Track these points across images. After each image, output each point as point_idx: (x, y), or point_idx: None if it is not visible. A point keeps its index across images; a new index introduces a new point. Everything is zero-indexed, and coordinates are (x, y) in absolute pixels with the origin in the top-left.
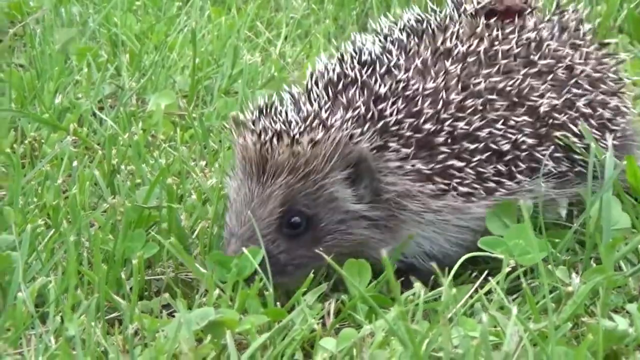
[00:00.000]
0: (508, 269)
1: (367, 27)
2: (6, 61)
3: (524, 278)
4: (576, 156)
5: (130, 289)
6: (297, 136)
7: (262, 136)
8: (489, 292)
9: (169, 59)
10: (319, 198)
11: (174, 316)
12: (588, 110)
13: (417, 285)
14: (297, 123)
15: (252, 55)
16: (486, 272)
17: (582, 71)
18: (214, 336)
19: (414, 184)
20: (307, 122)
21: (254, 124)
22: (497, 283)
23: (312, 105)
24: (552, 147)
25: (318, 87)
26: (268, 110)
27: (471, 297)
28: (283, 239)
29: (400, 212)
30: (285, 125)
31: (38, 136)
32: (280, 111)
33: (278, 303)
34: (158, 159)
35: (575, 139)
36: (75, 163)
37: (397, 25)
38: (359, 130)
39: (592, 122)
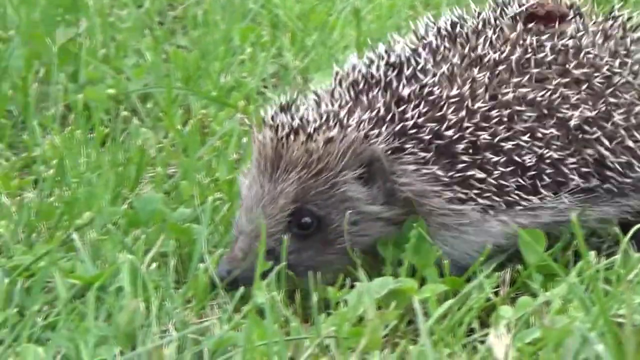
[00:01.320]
0: None
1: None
2: (169, 42)
3: None
4: (608, 173)
5: None
6: (312, 133)
7: (279, 132)
8: None
9: (330, 39)
10: (331, 197)
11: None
12: (624, 123)
13: (592, 254)
14: (314, 121)
15: None
16: None
17: (620, 80)
18: (398, 303)
19: (431, 186)
20: (324, 120)
21: (272, 120)
22: None
23: (333, 104)
24: (581, 161)
25: (341, 87)
26: (288, 107)
27: None
28: (293, 239)
29: (419, 208)
30: (302, 122)
31: (206, 114)
32: (299, 109)
33: None
34: None
35: (607, 153)
36: (245, 139)
37: (434, 26)
38: (375, 131)
39: (630, 133)
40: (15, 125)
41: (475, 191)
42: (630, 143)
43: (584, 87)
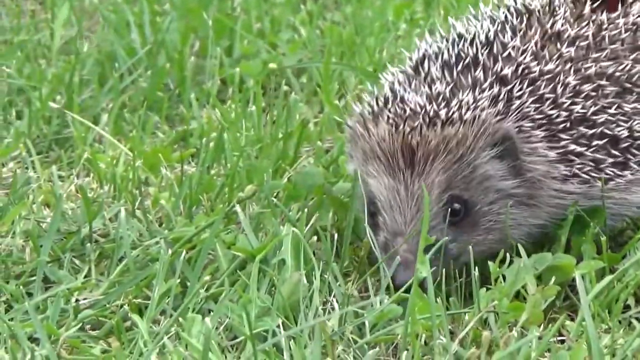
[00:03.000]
0: None
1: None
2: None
3: None
4: None
5: None
6: (446, 118)
7: (404, 124)
8: None
9: None
10: (474, 180)
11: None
12: None
13: None
14: (434, 106)
15: None
16: None
17: None
18: (556, 279)
19: (548, 166)
20: (446, 104)
21: (382, 113)
22: None
23: (431, 87)
24: None
25: (432, 69)
26: (390, 98)
27: None
28: (449, 228)
29: (540, 191)
30: (427, 109)
31: (362, 89)
32: (402, 97)
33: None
34: None
35: None
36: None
37: (501, 8)
38: (496, 109)
39: None
40: (172, 99)
41: (578, 166)
42: None
43: None
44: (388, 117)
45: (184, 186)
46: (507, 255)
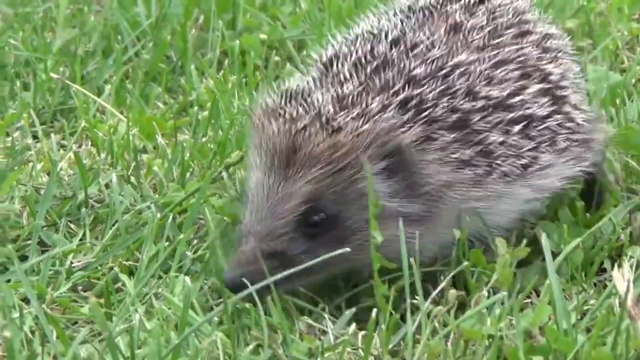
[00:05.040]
0: None
1: None
2: None
3: None
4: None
5: None
6: (339, 124)
7: (295, 123)
8: None
9: None
10: (349, 194)
11: None
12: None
13: None
14: (334, 109)
15: None
16: None
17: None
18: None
19: (455, 173)
20: (347, 109)
21: (281, 109)
22: None
23: (342, 88)
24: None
25: (343, 68)
26: (294, 93)
27: None
28: (304, 239)
29: (438, 205)
30: (320, 111)
31: None
32: (304, 94)
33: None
34: None
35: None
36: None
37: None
38: (404, 118)
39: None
40: (174, 70)
41: (499, 160)
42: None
43: (536, 46)
44: (284, 112)
45: (177, 153)
46: None
